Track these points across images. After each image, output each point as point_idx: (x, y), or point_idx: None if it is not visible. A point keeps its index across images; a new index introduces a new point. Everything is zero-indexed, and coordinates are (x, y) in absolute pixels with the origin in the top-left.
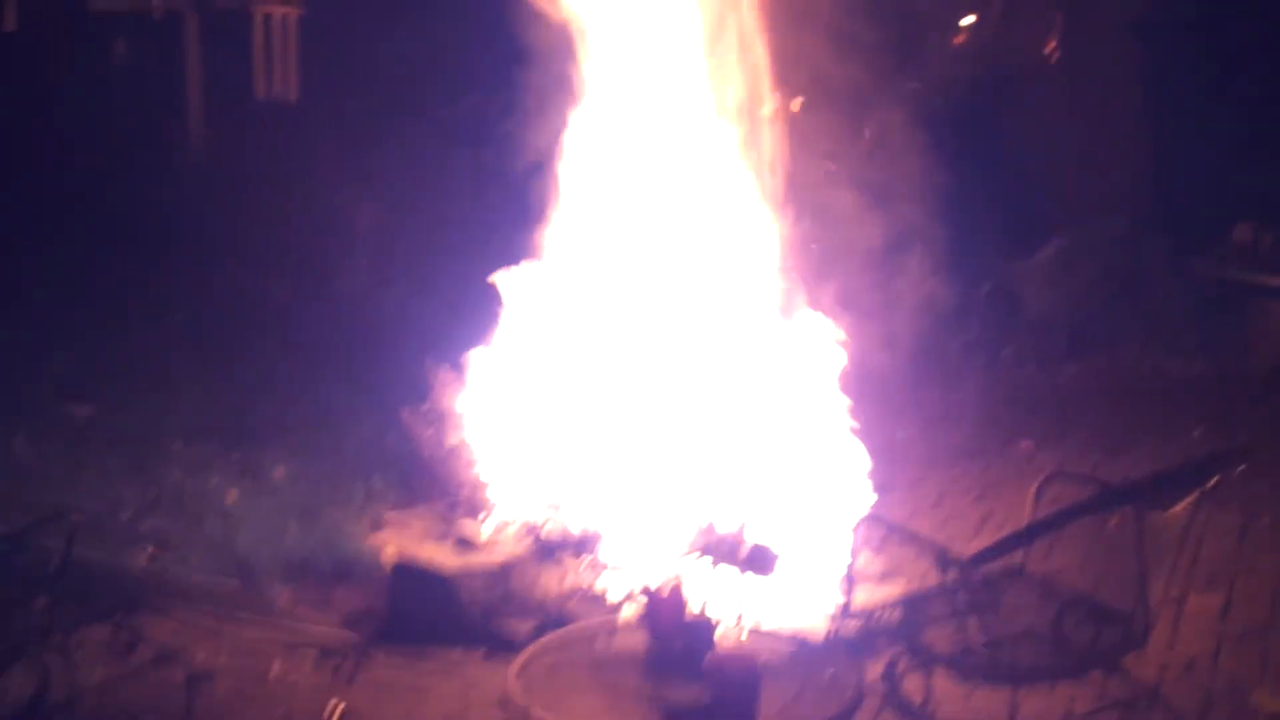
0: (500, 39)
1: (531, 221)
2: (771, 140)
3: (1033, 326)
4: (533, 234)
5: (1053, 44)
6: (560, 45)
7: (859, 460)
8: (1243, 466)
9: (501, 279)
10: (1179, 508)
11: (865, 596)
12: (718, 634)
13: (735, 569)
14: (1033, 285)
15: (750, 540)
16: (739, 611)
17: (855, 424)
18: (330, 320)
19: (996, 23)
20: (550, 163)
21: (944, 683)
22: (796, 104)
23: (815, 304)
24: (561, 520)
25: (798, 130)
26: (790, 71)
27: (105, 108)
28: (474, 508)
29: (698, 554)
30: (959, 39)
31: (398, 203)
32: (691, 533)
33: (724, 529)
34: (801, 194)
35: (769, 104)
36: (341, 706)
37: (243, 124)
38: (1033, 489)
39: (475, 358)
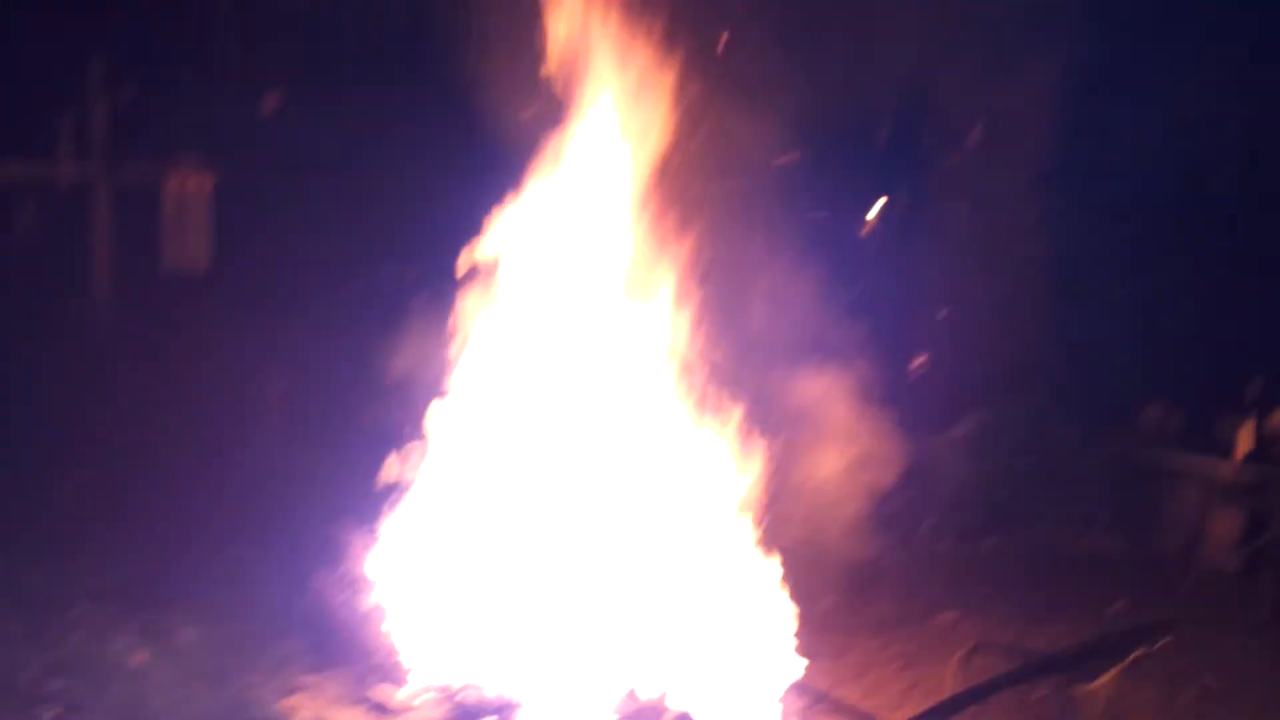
0: (420, 208)
1: (444, 381)
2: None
3: (951, 499)
4: (445, 394)
5: (960, 226)
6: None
7: (782, 628)
8: (1166, 640)
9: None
10: (1103, 680)
11: None
12: None
13: None
14: (950, 459)
15: (673, 710)
16: None
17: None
18: (242, 484)
19: (906, 205)
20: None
21: None
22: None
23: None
24: (479, 686)
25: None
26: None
27: (7, 278)
28: (390, 673)
29: None
30: (865, 228)
31: (311, 368)
32: (613, 700)
33: (645, 696)
34: (707, 361)
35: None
36: None
37: (152, 293)
38: (957, 658)
39: (390, 520)
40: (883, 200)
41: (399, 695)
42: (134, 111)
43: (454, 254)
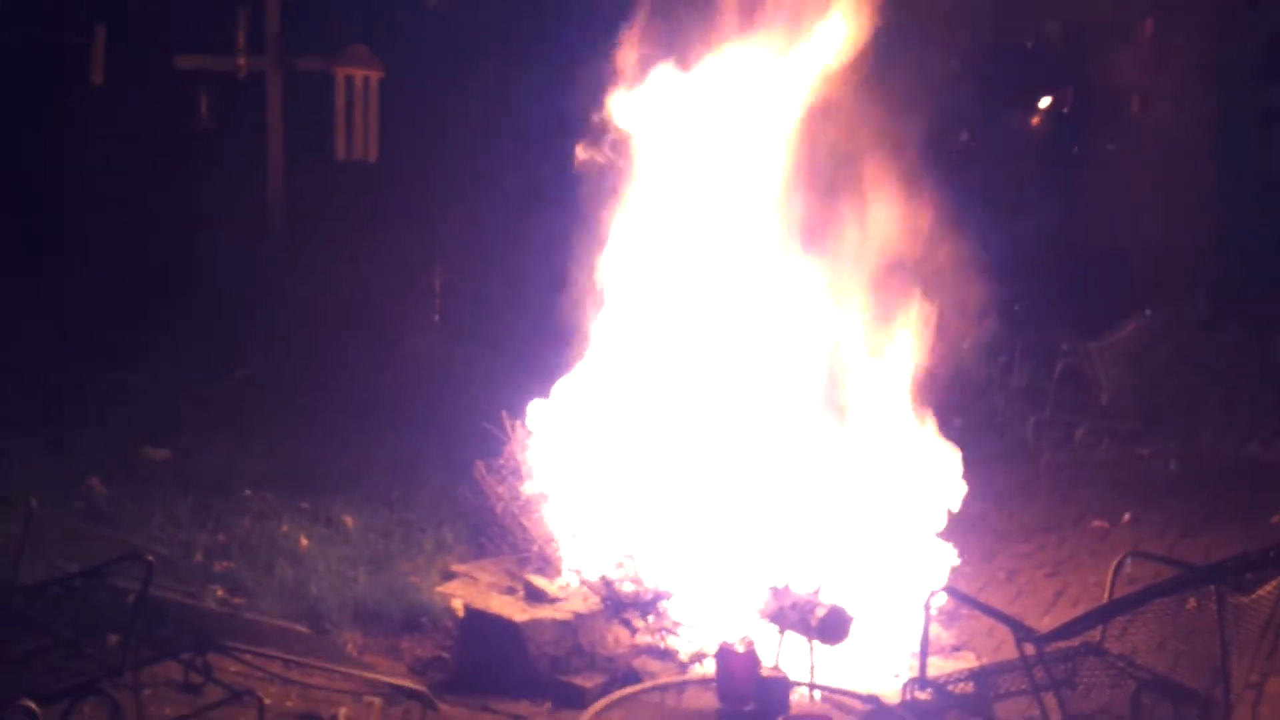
0: (573, 106)
1: (605, 282)
2: (834, 221)
3: (1109, 406)
4: (606, 293)
5: (1131, 124)
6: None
7: (935, 528)
8: None
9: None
10: (1261, 591)
11: (938, 667)
12: (791, 695)
13: (807, 636)
14: (1109, 364)
15: (825, 604)
16: (811, 674)
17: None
18: (404, 375)
19: (1072, 102)
20: (616, 225)
21: None
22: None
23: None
24: (633, 576)
25: (861, 210)
26: (845, 157)
27: (188, 163)
28: (544, 562)
29: (769, 619)
30: (1036, 119)
31: (472, 260)
32: (765, 593)
33: (798, 591)
34: (872, 268)
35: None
36: None
37: (323, 183)
38: (1111, 566)
39: (548, 412)
40: (1047, 99)
41: (552, 584)
42: (306, 6)
43: (612, 152)
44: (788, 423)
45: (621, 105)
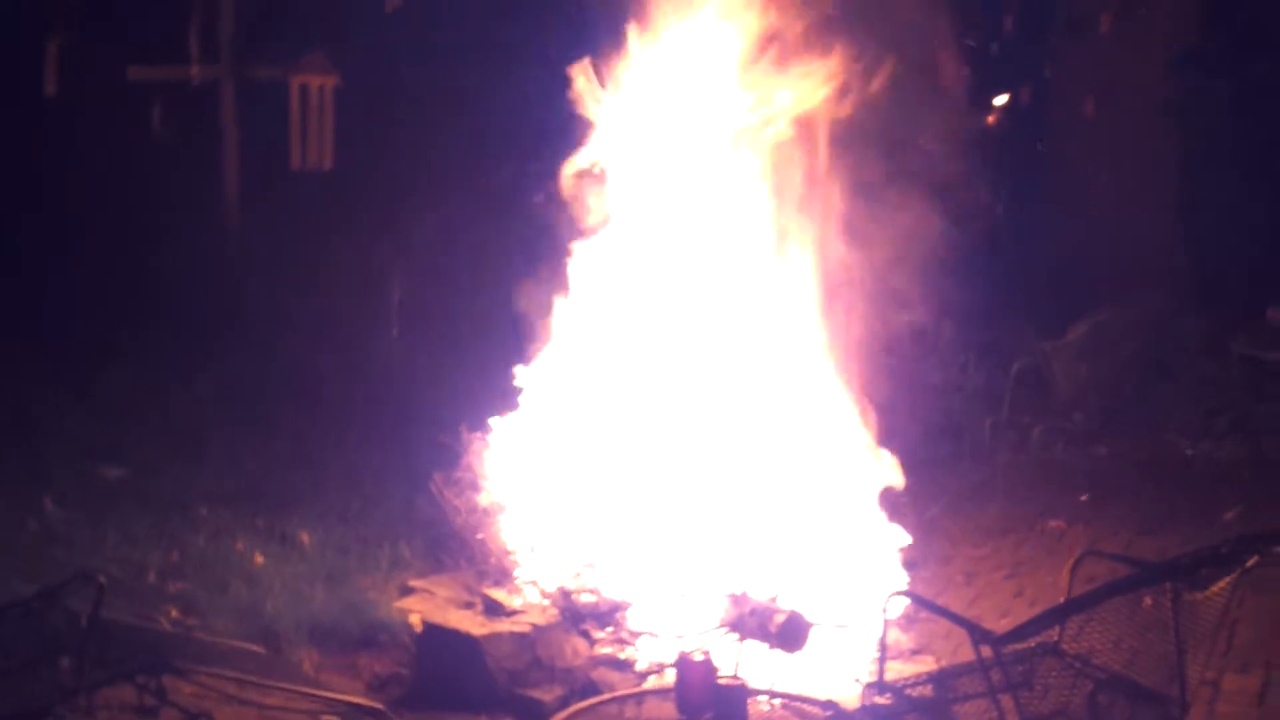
0: (539, 108)
1: (564, 287)
2: (799, 217)
3: (1064, 405)
4: (565, 298)
5: (1088, 119)
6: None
7: (890, 535)
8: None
9: (531, 348)
10: (1215, 588)
11: (897, 671)
12: (749, 703)
13: (766, 643)
14: (1064, 364)
15: (784, 610)
16: (770, 681)
17: (885, 499)
18: (361, 386)
19: (1030, 99)
20: (585, 228)
21: None
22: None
23: (846, 379)
24: (590, 587)
25: (823, 210)
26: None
27: (141, 174)
28: (502, 575)
29: (728, 628)
30: (991, 117)
31: (432, 270)
32: (724, 601)
33: (757, 598)
34: (829, 269)
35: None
36: None
37: (278, 192)
38: (1068, 566)
39: (505, 424)
40: (1004, 97)
41: (510, 597)
42: (261, 14)
43: (572, 154)
44: (742, 431)
45: (587, 107)
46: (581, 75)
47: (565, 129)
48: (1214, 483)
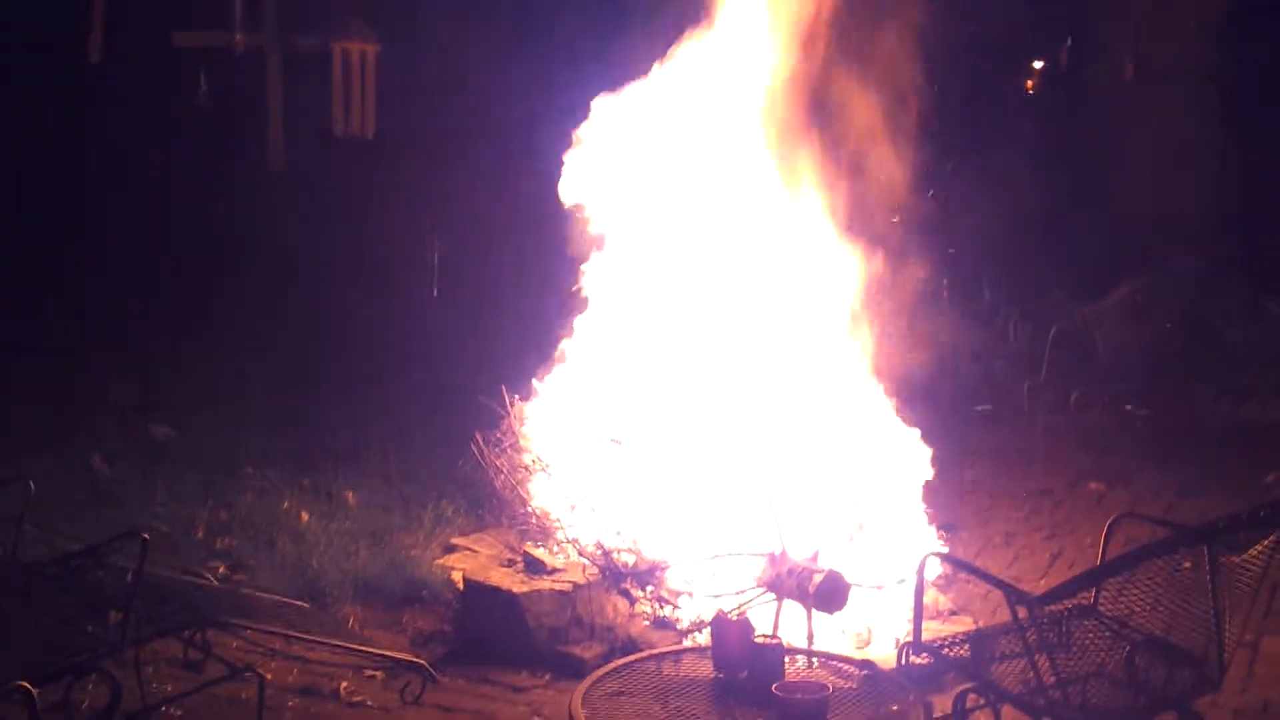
0: (571, 71)
1: (602, 250)
2: (835, 183)
3: (1103, 369)
4: (602, 263)
5: (1127, 82)
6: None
7: (929, 497)
8: None
9: (574, 308)
10: (1254, 551)
11: (934, 631)
12: (786, 662)
13: (804, 603)
14: (1104, 327)
15: (823, 570)
16: (810, 640)
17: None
18: (403, 348)
19: (1068, 62)
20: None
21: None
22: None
23: (886, 343)
24: (631, 547)
25: (863, 173)
26: (849, 114)
27: (187, 140)
28: (543, 534)
29: (766, 588)
30: (1030, 83)
31: (471, 232)
32: (761, 562)
33: (796, 558)
34: (870, 236)
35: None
36: None
37: (320, 158)
38: (1105, 528)
39: (546, 384)
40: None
41: (551, 556)
42: None
43: (611, 117)
44: (782, 393)
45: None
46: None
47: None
48: (1254, 446)
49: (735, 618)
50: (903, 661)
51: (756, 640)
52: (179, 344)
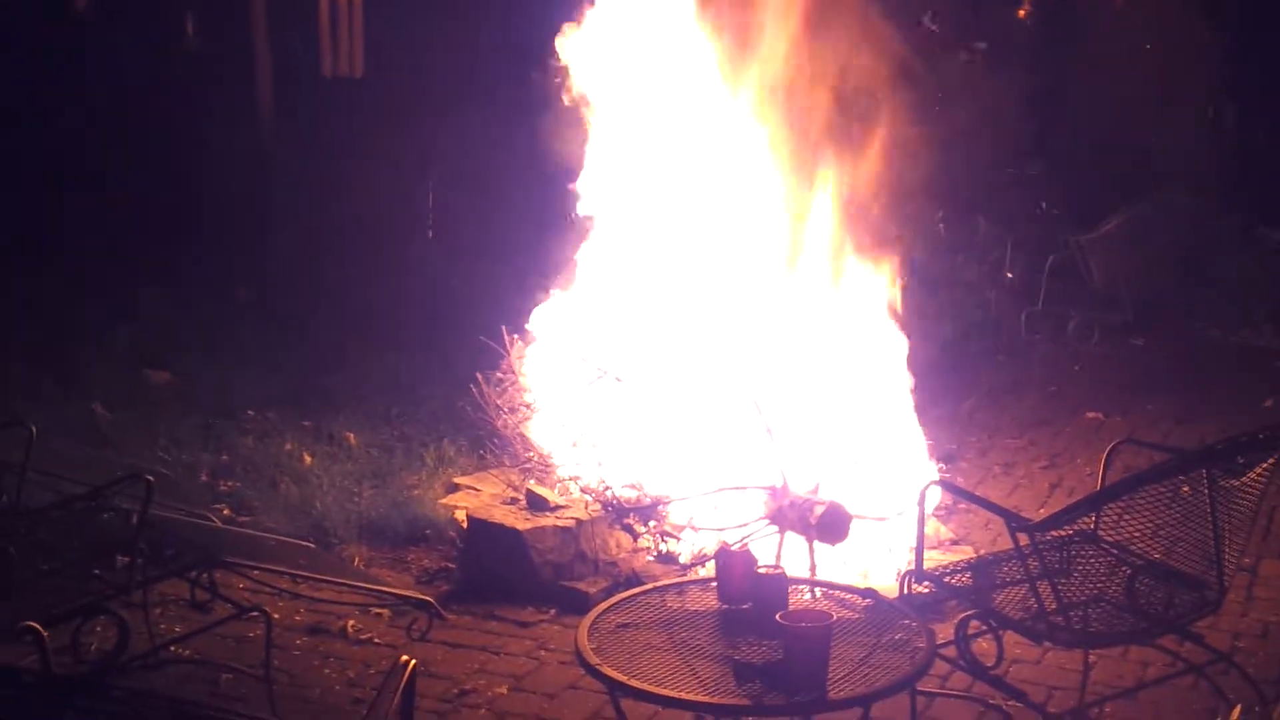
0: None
1: (591, 189)
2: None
3: (1099, 298)
4: (592, 200)
5: (1116, 12)
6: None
7: (928, 428)
8: None
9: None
10: (1252, 474)
11: (936, 560)
12: (789, 593)
13: (806, 535)
14: (1098, 256)
15: (824, 502)
16: (812, 571)
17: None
18: (400, 290)
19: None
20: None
21: (1015, 646)
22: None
23: (885, 276)
24: (633, 483)
25: (858, 103)
26: (843, 37)
27: (174, 86)
28: (545, 471)
29: (770, 520)
30: (1022, 11)
31: (463, 175)
32: (763, 495)
33: (797, 490)
34: (864, 168)
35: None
36: (414, 663)
37: (309, 100)
38: (1105, 454)
39: (544, 324)
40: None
41: (553, 493)
42: None
43: (596, 53)
44: (782, 326)
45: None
46: None
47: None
48: (1251, 371)
49: (738, 550)
50: (905, 590)
51: (760, 571)
52: (172, 290)
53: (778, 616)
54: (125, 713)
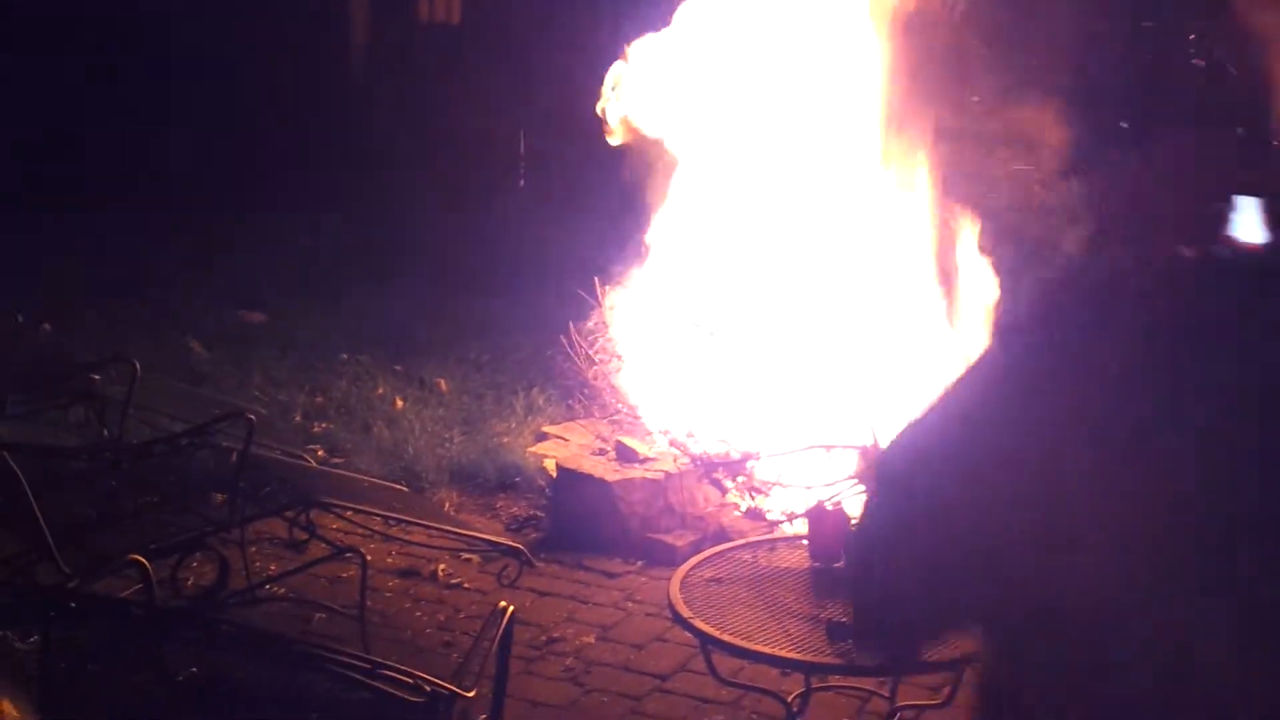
0: None
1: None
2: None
3: None
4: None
5: None
6: None
7: None
8: None
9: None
10: None
11: None
12: None
13: None
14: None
15: None
16: None
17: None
18: (489, 236)
19: None
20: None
21: None
22: None
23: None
24: (722, 437)
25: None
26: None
27: (270, 28)
28: (634, 423)
29: (859, 480)
30: None
31: (555, 123)
32: (853, 454)
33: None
34: (942, 128)
35: None
36: (512, 609)
37: (405, 45)
38: None
39: (637, 276)
40: None
41: (642, 445)
42: None
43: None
44: (870, 285)
45: None
46: None
47: None
48: None
49: (832, 508)
50: None
51: (851, 531)
52: (265, 231)
53: None
54: (226, 646)
